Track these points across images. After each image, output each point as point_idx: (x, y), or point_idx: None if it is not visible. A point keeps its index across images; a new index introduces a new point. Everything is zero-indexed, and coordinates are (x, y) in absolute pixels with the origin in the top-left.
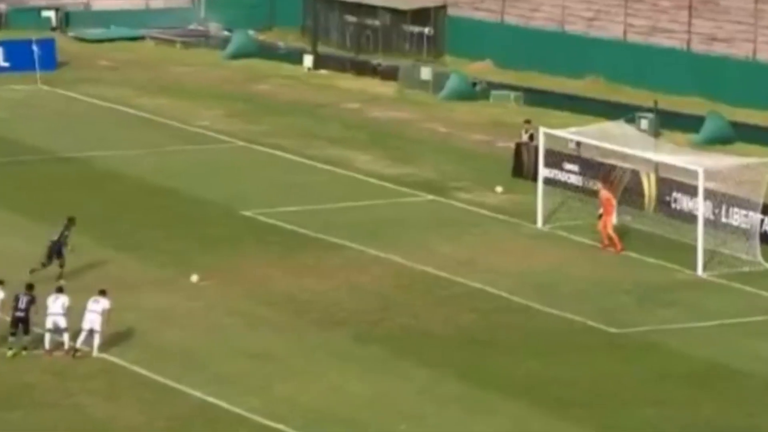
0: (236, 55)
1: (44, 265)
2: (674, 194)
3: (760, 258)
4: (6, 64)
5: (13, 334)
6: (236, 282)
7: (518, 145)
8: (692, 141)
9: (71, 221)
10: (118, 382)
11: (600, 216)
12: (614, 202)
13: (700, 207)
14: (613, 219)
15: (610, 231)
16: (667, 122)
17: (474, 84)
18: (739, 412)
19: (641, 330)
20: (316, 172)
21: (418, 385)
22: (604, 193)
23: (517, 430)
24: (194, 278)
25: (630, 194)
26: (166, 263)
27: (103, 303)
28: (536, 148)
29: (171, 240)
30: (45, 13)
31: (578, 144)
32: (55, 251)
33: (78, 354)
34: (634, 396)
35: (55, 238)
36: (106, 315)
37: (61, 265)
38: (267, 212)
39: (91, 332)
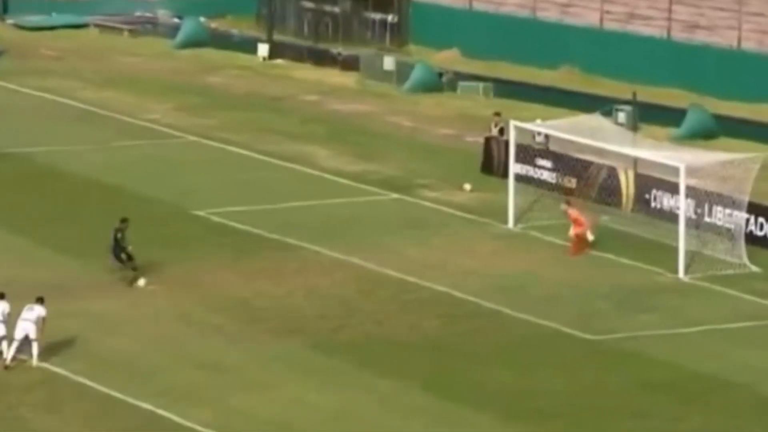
0: (187, 44)
1: (127, 269)
2: (654, 192)
3: (745, 260)
4: None
5: None
6: (186, 287)
7: (488, 140)
8: (673, 135)
9: (123, 222)
10: (60, 394)
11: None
12: (583, 219)
13: (682, 206)
14: (589, 235)
15: (576, 234)
16: (646, 115)
17: (440, 75)
18: (726, 424)
19: (619, 337)
20: (272, 168)
21: (381, 396)
22: (572, 212)
23: None
24: (141, 282)
25: (607, 192)
26: (112, 267)
27: (38, 311)
28: (507, 143)
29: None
30: None
31: (547, 137)
32: (117, 256)
33: (11, 365)
34: (614, 407)
35: (112, 243)
36: (41, 323)
37: (126, 263)
38: (219, 212)
39: (26, 340)
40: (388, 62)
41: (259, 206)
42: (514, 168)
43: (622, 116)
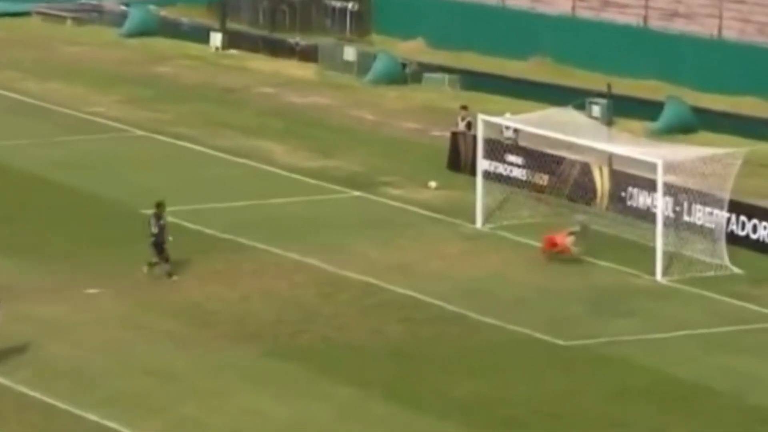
0: (135, 33)
1: (155, 264)
2: (630, 189)
3: (726, 261)
4: None
5: None
6: (135, 290)
7: (454, 135)
8: (650, 129)
9: (160, 206)
10: (0, 404)
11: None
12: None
13: (659, 204)
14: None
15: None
16: (622, 108)
17: (404, 65)
18: None
19: (594, 342)
20: (225, 165)
21: (340, 405)
22: (569, 240)
23: None
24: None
25: (580, 190)
26: (55, 269)
27: None
28: (474, 138)
29: (60, 243)
30: None
31: (516, 131)
32: (161, 245)
33: None
34: (590, 416)
35: (155, 231)
36: None
37: (166, 260)
38: (170, 210)
39: None
40: (349, 52)
41: (212, 205)
42: (482, 164)
43: (596, 109)
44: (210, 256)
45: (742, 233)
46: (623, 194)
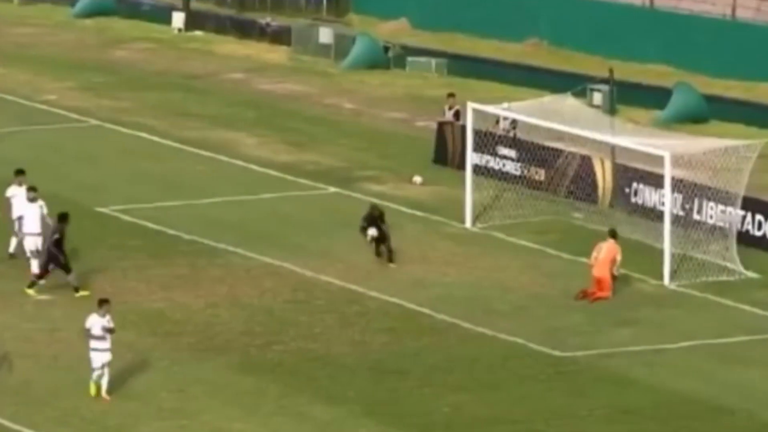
0: (88, 13)
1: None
2: (635, 185)
3: (740, 264)
4: None
5: None
6: (89, 297)
7: (441, 125)
8: (657, 119)
9: (376, 209)
10: None
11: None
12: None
13: (667, 201)
14: (615, 270)
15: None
16: (626, 96)
17: (386, 49)
18: None
19: (595, 354)
20: (190, 158)
21: (317, 424)
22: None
23: None
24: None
25: (580, 185)
26: (1, 274)
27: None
28: (463, 129)
29: (5, 245)
30: None
31: (514, 122)
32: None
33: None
34: None
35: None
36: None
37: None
38: (129, 209)
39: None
40: (325, 34)
41: (176, 202)
42: (472, 158)
43: (597, 97)
44: (173, 259)
45: (758, 233)
46: (627, 190)
